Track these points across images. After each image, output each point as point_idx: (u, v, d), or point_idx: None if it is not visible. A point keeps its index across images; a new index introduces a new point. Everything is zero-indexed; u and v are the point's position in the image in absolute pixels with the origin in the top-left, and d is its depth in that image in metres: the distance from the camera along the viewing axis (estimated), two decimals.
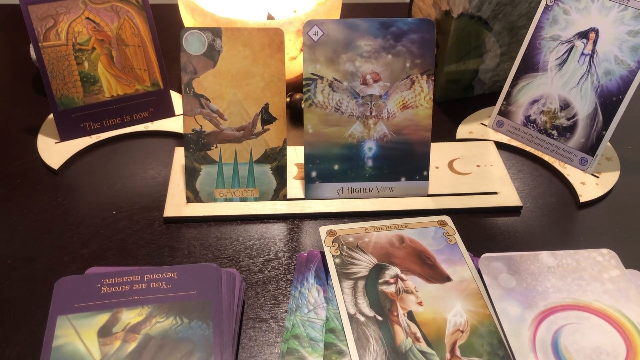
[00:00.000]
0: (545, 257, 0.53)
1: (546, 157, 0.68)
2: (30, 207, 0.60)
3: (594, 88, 0.64)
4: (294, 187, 0.62)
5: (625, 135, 0.71)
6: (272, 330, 0.50)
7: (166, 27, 0.77)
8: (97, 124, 0.69)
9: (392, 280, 0.51)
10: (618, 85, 0.62)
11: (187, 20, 0.72)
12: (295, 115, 0.72)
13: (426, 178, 0.61)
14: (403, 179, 0.61)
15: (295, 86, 0.76)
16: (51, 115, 0.70)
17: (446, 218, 0.57)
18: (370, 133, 0.60)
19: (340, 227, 0.56)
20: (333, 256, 0.53)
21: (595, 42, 0.63)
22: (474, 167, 0.66)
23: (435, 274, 0.52)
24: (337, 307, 0.49)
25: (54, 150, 0.67)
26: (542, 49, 0.67)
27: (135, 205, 0.61)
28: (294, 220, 0.60)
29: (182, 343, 0.45)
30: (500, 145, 0.70)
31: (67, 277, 0.49)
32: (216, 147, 0.59)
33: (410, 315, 0.48)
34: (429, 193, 0.62)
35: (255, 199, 0.61)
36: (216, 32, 0.57)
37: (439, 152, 0.67)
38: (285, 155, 0.60)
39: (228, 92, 0.58)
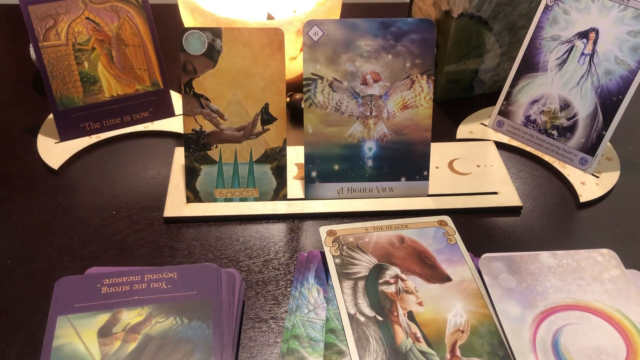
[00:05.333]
0: (545, 257, 0.53)
1: (546, 157, 0.68)
2: (30, 207, 0.60)
3: (594, 88, 0.64)
4: (294, 187, 0.62)
5: (625, 135, 0.71)
6: (272, 331, 0.50)
7: (166, 27, 0.77)
8: (97, 124, 0.69)
9: (392, 281, 0.51)
10: (618, 85, 0.62)
11: (187, 20, 0.72)
12: (295, 115, 0.72)
13: (426, 178, 0.61)
14: (403, 179, 0.61)
15: (295, 86, 0.76)
16: (51, 115, 0.70)
17: (446, 218, 0.57)
18: (370, 133, 0.60)
19: (340, 227, 0.56)
20: (333, 256, 0.53)
21: (595, 42, 0.63)
22: (474, 167, 0.66)
23: (436, 274, 0.52)
24: (337, 307, 0.49)
25: (54, 150, 0.66)
26: (542, 49, 0.67)
27: (135, 205, 0.61)
28: (294, 220, 0.60)
29: (182, 343, 0.45)
30: (500, 145, 0.70)
31: (67, 277, 0.49)
32: (216, 147, 0.59)
33: (411, 316, 0.48)
34: (429, 193, 0.62)
35: (255, 199, 0.61)
36: (216, 32, 0.57)
37: (439, 152, 0.67)
38: (285, 155, 0.60)
39: (228, 92, 0.58)
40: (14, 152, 0.67)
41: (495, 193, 0.63)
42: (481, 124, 0.73)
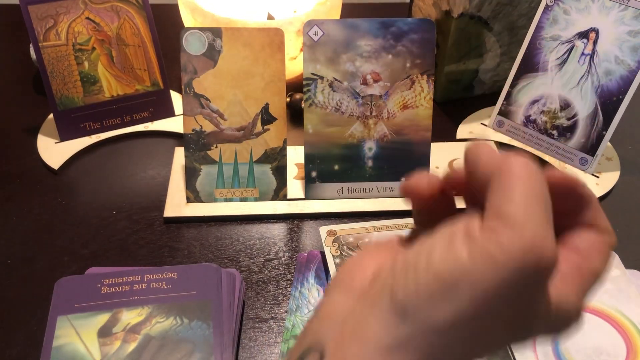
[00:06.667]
0: None
1: (546, 157, 0.68)
2: (30, 207, 0.60)
3: (594, 88, 0.64)
4: (294, 187, 0.62)
5: (625, 135, 0.71)
6: (272, 331, 0.50)
7: (166, 27, 0.77)
8: (97, 124, 0.69)
9: None
10: (618, 85, 0.62)
11: (187, 20, 0.72)
12: (295, 115, 0.72)
13: None
14: (403, 179, 0.61)
15: (295, 86, 0.76)
16: (51, 115, 0.70)
17: None
18: (371, 133, 0.60)
19: (340, 227, 0.56)
20: (333, 256, 0.53)
21: (595, 42, 0.63)
22: None
23: None
24: None
25: (54, 150, 0.66)
26: (542, 49, 0.67)
27: (135, 205, 0.61)
28: (294, 220, 0.60)
29: (182, 343, 0.45)
30: (500, 145, 0.70)
31: (67, 277, 0.49)
32: (216, 147, 0.59)
33: None
34: None
35: (255, 199, 0.61)
36: (216, 32, 0.57)
37: (439, 152, 0.67)
38: (285, 155, 0.60)
39: (228, 92, 0.58)
40: (14, 152, 0.67)
41: None
42: (481, 124, 0.73)
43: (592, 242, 0.26)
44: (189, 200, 0.60)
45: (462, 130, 0.72)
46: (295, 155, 0.65)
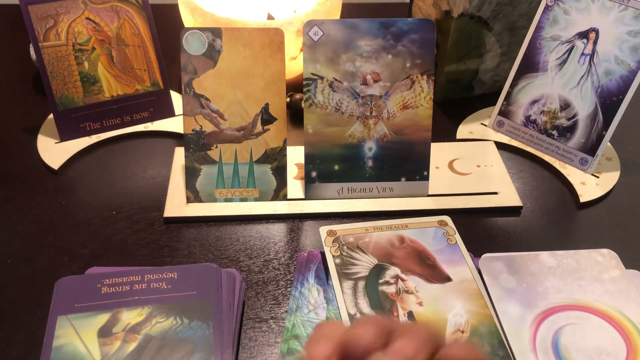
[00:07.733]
0: (546, 257, 0.53)
1: (546, 157, 0.68)
2: (30, 207, 0.60)
3: (594, 88, 0.64)
4: (294, 187, 0.62)
5: (625, 135, 0.71)
6: (273, 331, 0.50)
7: (166, 27, 0.77)
8: (97, 124, 0.69)
9: (392, 281, 0.51)
10: (618, 85, 0.62)
11: (187, 20, 0.72)
12: (295, 115, 0.72)
13: (426, 178, 0.61)
14: (403, 179, 0.61)
15: (295, 86, 0.76)
16: (51, 115, 0.70)
17: (446, 218, 0.57)
18: (371, 133, 0.60)
19: (340, 227, 0.56)
20: (333, 256, 0.53)
21: (595, 42, 0.63)
22: (474, 167, 0.66)
23: (436, 274, 0.52)
24: (338, 307, 0.49)
25: (54, 150, 0.66)
26: (542, 49, 0.67)
27: (135, 205, 0.61)
28: (294, 220, 0.60)
29: (182, 343, 0.45)
30: (500, 146, 0.70)
31: (67, 277, 0.49)
32: (216, 147, 0.59)
33: (411, 316, 0.48)
34: (429, 193, 0.62)
35: (255, 199, 0.61)
36: (216, 32, 0.57)
37: (439, 152, 0.67)
38: (285, 155, 0.60)
39: (228, 92, 0.58)
40: (14, 152, 0.67)
41: (495, 193, 0.63)
42: (481, 124, 0.73)
43: None
44: (189, 200, 0.60)
45: (462, 130, 0.72)
46: (295, 155, 0.65)
